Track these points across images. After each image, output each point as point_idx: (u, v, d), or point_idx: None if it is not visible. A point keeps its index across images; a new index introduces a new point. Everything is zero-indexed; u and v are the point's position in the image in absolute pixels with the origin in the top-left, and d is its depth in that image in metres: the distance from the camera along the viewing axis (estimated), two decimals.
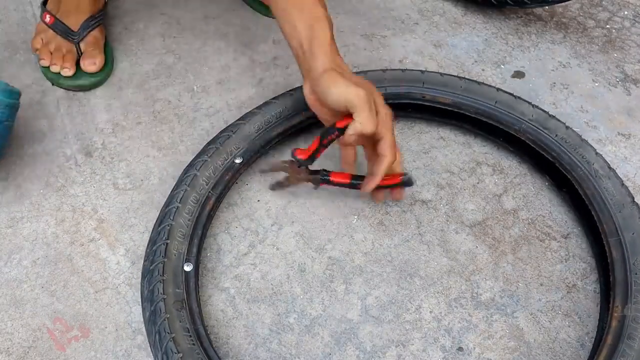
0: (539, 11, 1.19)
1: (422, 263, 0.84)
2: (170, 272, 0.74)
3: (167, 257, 0.75)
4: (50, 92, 1.02)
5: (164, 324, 0.69)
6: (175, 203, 0.80)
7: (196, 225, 0.79)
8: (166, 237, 0.77)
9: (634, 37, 1.15)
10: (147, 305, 0.73)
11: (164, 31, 1.12)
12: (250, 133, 0.88)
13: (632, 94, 1.05)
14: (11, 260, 0.83)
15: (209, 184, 0.83)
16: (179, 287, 0.73)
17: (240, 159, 0.86)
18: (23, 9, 1.16)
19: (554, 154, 0.88)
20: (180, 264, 0.75)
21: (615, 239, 0.78)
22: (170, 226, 0.78)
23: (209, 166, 0.84)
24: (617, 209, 0.81)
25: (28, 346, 0.76)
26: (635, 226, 0.79)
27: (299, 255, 0.85)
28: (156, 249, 0.76)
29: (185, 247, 0.77)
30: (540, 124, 0.90)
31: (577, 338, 0.78)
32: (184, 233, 0.78)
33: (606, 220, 0.80)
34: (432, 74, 0.95)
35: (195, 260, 0.76)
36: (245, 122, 0.89)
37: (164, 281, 0.73)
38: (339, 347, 0.77)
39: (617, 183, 0.84)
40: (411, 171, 0.93)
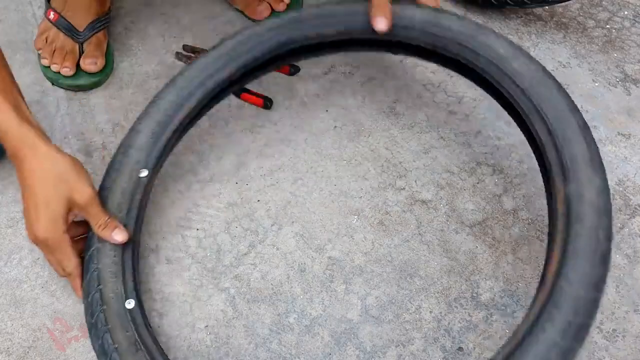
0: (539, 11, 1.19)
1: (422, 263, 0.84)
2: (113, 318, 0.68)
3: (106, 303, 0.69)
4: (50, 92, 1.02)
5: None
6: (94, 245, 0.73)
7: (124, 260, 0.73)
8: (97, 284, 0.70)
9: (634, 37, 1.15)
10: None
11: (164, 31, 1.12)
12: (147, 142, 0.80)
13: (632, 94, 1.05)
14: (11, 260, 0.83)
15: (122, 211, 0.75)
16: (128, 330, 0.68)
17: (146, 171, 0.78)
18: (23, 9, 1.16)
19: (454, 51, 0.79)
20: (122, 304, 0.69)
21: (537, 115, 0.72)
22: (98, 270, 0.71)
23: (115, 190, 0.77)
24: (531, 88, 0.73)
25: (28, 346, 0.76)
26: (554, 99, 0.72)
27: (299, 255, 0.85)
28: (91, 299, 0.70)
29: (120, 286, 0.70)
30: (432, 24, 0.80)
31: None
32: (114, 272, 0.71)
33: (523, 101, 0.73)
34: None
35: (135, 294, 0.71)
36: (140, 130, 0.81)
37: (111, 330, 0.67)
38: (339, 347, 0.77)
39: (524, 62, 0.76)
40: (410, 171, 0.93)
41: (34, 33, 1.09)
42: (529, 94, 0.74)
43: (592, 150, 0.70)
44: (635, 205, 0.90)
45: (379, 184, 0.92)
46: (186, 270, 0.83)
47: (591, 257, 0.62)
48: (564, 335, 0.59)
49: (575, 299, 0.60)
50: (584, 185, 0.66)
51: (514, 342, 0.61)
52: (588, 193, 0.65)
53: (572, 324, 0.60)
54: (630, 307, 0.80)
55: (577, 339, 0.60)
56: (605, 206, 0.65)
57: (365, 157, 0.95)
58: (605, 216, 0.64)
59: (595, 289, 0.61)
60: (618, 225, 0.88)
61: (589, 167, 0.68)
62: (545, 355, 0.59)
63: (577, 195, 0.65)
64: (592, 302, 0.61)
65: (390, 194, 0.91)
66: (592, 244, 0.63)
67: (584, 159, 0.68)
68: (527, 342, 0.60)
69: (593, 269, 0.62)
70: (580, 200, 0.65)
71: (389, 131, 0.98)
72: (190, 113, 0.83)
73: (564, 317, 0.60)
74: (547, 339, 0.59)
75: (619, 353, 0.76)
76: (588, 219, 0.64)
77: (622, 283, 0.82)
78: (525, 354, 0.59)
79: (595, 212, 0.64)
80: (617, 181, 0.93)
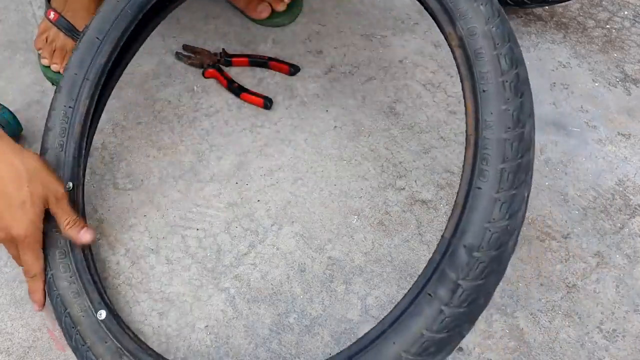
0: (539, 11, 1.19)
1: (422, 263, 0.84)
2: (89, 334, 0.67)
3: (78, 323, 0.68)
4: (50, 92, 1.02)
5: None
6: (49, 271, 0.72)
7: (80, 276, 0.71)
8: (64, 308, 0.69)
9: (634, 37, 1.15)
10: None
11: (164, 31, 1.12)
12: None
13: (632, 94, 1.05)
14: (11, 260, 0.83)
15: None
16: (106, 340, 0.67)
17: (70, 184, 0.76)
18: (23, 9, 1.16)
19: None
20: (93, 318, 0.68)
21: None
22: (60, 295, 0.70)
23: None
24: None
25: (28, 346, 0.76)
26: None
27: (299, 255, 0.85)
28: (65, 324, 0.70)
29: (86, 302, 0.69)
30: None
31: (577, 338, 0.78)
32: (76, 290, 0.70)
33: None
34: None
35: (103, 304, 0.70)
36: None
37: (90, 347, 0.67)
38: (339, 347, 0.77)
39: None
40: (410, 171, 0.93)
41: (34, 33, 1.09)
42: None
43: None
44: (635, 205, 0.90)
45: (379, 184, 0.92)
46: (186, 270, 0.83)
47: (502, 94, 0.58)
48: (501, 184, 0.56)
49: (499, 141, 0.56)
50: (471, 18, 0.61)
51: (458, 207, 0.58)
52: (478, 25, 0.61)
53: (504, 170, 0.56)
54: (630, 307, 0.80)
55: (515, 184, 0.56)
56: (495, 33, 0.60)
57: (365, 157, 0.95)
58: (503, 41, 0.59)
59: (517, 124, 0.57)
60: (618, 225, 0.88)
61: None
62: (489, 211, 0.55)
63: (470, 30, 0.61)
64: (518, 139, 0.57)
65: (390, 194, 0.91)
66: (499, 77, 0.58)
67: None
68: (469, 203, 0.56)
69: (508, 105, 0.58)
70: (473, 35, 0.61)
71: (389, 131, 0.98)
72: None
73: (494, 166, 0.56)
74: (484, 196, 0.56)
75: (619, 353, 0.76)
76: (486, 52, 0.59)
77: (622, 283, 0.82)
78: (472, 214, 0.56)
79: (489, 42, 0.60)
80: (617, 181, 0.93)
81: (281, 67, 1.05)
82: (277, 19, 1.13)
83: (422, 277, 0.57)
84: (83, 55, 0.80)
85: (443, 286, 0.55)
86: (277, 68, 1.05)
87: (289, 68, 1.04)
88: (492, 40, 0.60)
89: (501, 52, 0.59)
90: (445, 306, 0.54)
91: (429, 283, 0.56)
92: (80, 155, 0.77)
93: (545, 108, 1.02)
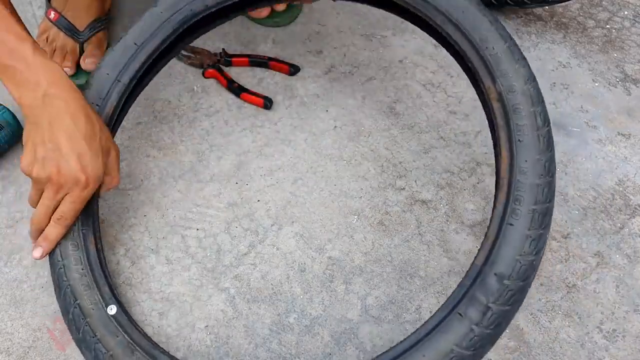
0: (539, 11, 1.19)
1: (422, 263, 0.84)
2: (99, 327, 0.67)
3: (88, 315, 0.68)
4: None
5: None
6: (60, 261, 0.72)
7: (92, 270, 0.71)
8: (74, 299, 0.69)
9: (634, 37, 1.15)
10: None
11: None
12: None
13: (632, 94, 1.05)
14: (11, 260, 0.83)
15: (78, 231, 0.74)
16: (118, 335, 0.67)
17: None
18: (23, 9, 1.16)
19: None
20: (104, 312, 0.68)
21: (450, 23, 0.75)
22: (70, 286, 0.70)
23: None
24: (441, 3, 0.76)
25: (28, 346, 0.76)
26: (461, 5, 0.75)
27: (299, 255, 0.85)
28: (72, 315, 0.69)
29: (97, 295, 0.69)
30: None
31: (577, 338, 0.78)
32: (87, 283, 0.70)
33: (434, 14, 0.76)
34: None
35: (115, 299, 0.70)
36: None
37: (100, 339, 0.67)
38: (339, 347, 0.77)
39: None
40: (410, 171, 0.93)
41: (34, 33, 1.09)
42: (437, 6, 0.75)
43: (510, 43, 0.72)
44: (635, 205, 0.90)
45: (379, 184, 0.92)
46: (186, 270, 0.83)
47: (537, 145, 0.66)
48: (532, 224, 0.62)
49: (532, 186, 0.64)
50: (512, 77, 0.70)
51: (490, 239, 0.64)
52: (517, 83, 0.69)
53: (535, 211, 0.63)
54: (630, 307, 0.80)
55: (543, 224, 0.63)
56: (532, 92, 0.69)
57: (365, 157, 0.95)
58: (538, 101, 0.68)
59: (548, 173, 0.65)
60: (618, 225, 0.88)
61: (512, 59, 0.71)
62: (520, 245, 0.62)
63: (509, 87, 0.69)
64: (548, 185, 0.64)
65: (390, 194, 0.91)
66: (535, 131, 0.66)
67: (505, 53, 0.71)
68: (501, 236, 0.63)
69: (541, 155, 0.65)
70: (512, 92, 0.69)
71: (389, 131, 0.98)
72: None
73: (527, 207, 0.63)
74: (517, 232, 0.62)
75: (619, 353, 0.76)
76: (524, 108, 0.67)
77: (622, 283, 0.82)
78: (503, 246, 0.62)
79: (527, 99, 0.68)
80: (617, 181, 0.93)
81: (281, 67, 1.05)
82: (277, 18, 1.13)
83: (451, 299, 0.62)
84: (118, 57, 0.82)
85: (473, 308, 0.60)
86: (277, 68, 1.05)
87: (289, 68, 1.04)
88: (530, 99, 0.68)
89: (537, 110, 0.68)
90: (475, 325, 0.59)
91: (460, 304, 0.61)
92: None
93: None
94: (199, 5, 0.85)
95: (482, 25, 0.73)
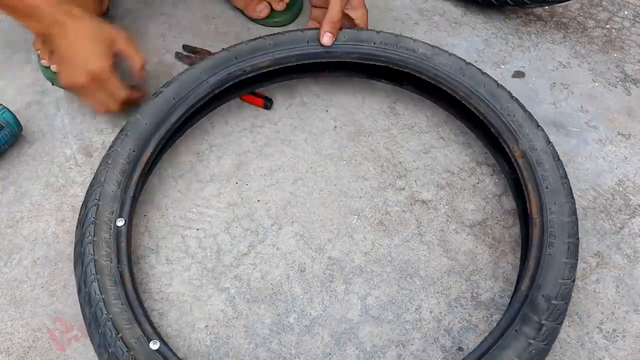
0: (539, 11, 1.19)
1: (422, 263, 0.84)
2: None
3: (131, 349, 0.69)
4: (50, 92, 1.02)
5: None
6: (99, 296, 0.72)
7: (131, 306, 0.73)
8: (116, 332, 0.70)
9: (634, 37, 1.15)
10: None
11: (164, 31, 1.12)
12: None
13: (632, 94, 1.05)
14: (11, 260, 0.83)
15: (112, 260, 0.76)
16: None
17: (123, 219, 0.79)
18: None
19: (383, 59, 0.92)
20: (147, 347, 0.69)
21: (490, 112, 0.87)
22: (111, 320, 0.71)
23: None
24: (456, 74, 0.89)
25: (28, 346, 0.76)
26: (487, 84, 0.88)
27: (299, 255, 0.85)
28: (115, 348, 0.69)
29: (138, 330, 0.71)
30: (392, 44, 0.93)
31: (577, 338, 0.78)
32: (128, 318, 0.71)
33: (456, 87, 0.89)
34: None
35: (157, 335, 0.71)
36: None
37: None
38: (339, 347, 0.77)
39: (445, 56, 0.91)
40: (410, 171, 0.93)
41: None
42: (463, 83, 0.89)
43: (528, 112, 0.86)
44: (635, 205, 0.90)
45: (379, 184, 0.92)
46: (186, 270, 0.83)
47: (562, 191, 0.79)
48: (568, 253, 0.74)
49: (563, 223, 0.76)
50: (533, 139, 0.83)
51: (532, 267, 0.74)
52: (539, 143, 0.83)
53: (570, 243, 0.75)
54: (630, 307, 0.80)
55: (576, 254, 0.74)
56: (552, 151, 0.82)
57: (365, 157, 0.95)
58: (557, 157, 0.82)
59: (574, 213, 0.77)
60: (618, 225, 0.88)
61: (532, 124, 0.85)
62: (562, 271, 0.72)
63: (531, 147, 0.83)
64: (575, 222, 0.77)
65: (390, 194, 0.91)
66: (559, 179, 0.80)
67: (525, 120, 0.85)
68: (542, 265, 0.73)
69: (567, 199, 0.78)
70: (534, 148, 0.82)
71: (389, 131, 0.98)
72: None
73: (561, 240, 0.75)
74: (556, 260, 0.73)
75: (619, 353, 0.77)
76: (547, 161, 0.81)
77: (622, 283, 0.82)
78: (547, 272, 0.73)
79: (549, 156, 0.82)
80: (617, 181, 0.93)
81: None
82: (276, 18, 1.13)
83: (504, 320, 0.70)
84: (157, 110, 0.87)
85: (528, 325, 0.69)
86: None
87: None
88: (551, 155, 0.82)
89: (558, 164, 0.81)
90: (532, 340, 0.68)
91: (514, 323, 0.69)
92: (135, 196, 0.81)
93: (545, 108, 1.02)
94: (236, 70, 0.91)
95: (503, 97, 0.87)
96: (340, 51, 0.92)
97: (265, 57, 0.92)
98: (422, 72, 0.90)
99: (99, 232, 0.76)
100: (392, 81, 0.98)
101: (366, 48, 0.92)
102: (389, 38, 0.92)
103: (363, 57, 0.92)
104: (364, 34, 0.93)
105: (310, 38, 0.93)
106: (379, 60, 0.92)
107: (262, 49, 0.92)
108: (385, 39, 0.92)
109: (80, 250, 0.76)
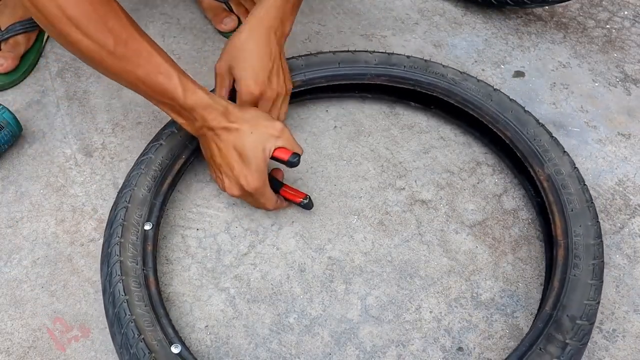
0: (539, 11, 1.19)
1: (422, 263, 0.84)
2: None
3: (153, 351, 0.69)
4: (50, 92, 1.03)
5: None
6: (123, 296, 0.73)
7: (154, 308, 0.73)
8: (138, 333, 0.70)
9: (634, 37, 1.15)
10: None
11: (164, 31, 1.12)
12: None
13: (632, 94, 1.05)
14: (11, 260, 0.83)
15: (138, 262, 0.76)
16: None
17: (151, 224, 0.80)
18: None
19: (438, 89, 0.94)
20: (169, 350, 0.69)
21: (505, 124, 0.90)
22: (134, 321, 0.71)
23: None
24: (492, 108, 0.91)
25: (28, 346, 0.76)
26: (514, 109, 0.91)
27: (299, 255, 0.85)
28: (136, 349, 0.69)
29: (160, 333, 0.71)
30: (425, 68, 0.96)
31: None
32: (150, 320, 0.72)
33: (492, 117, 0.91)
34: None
35: (178, 339, 0.71)
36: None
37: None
38: (339, 347, 0.77)
39: (471, 81, 0.94)
40: (410, 171, 0.93)
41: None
42: (491, 109, 0.92)
43: (554, 138, 0.88)
44: (635, 205, 0.91)
45: (379, 184, 0.92)
46: (186, 270, 0.83)
47: (587, 214, 0.80)
48: (594, 274, 0.75)
49: (589, 245, 0.77)
50: (558, 163, 0.85)
51: (556, 288, 0.74)
52: (564, 168, 0.84)
53: (595, 265, 0.75)
54: (630, 307, 0.80)
55: (601, 276, 0.75)
56: (578, 175, 0.84)
57: (365, 157, 0.95)
58: (580, 182, 0.83)
59: (599, 235, 0.78)
60: (618, 225, 0.88)
61: (557, 149, 0.87)
62: (587, 292, 0.73)
63: (557, 171, 0.84)
64: (600, 245, 0.77)
65: (390, 194, 0.91)
66: (584, 203, 0.81)
67: (551, 144, 0.87)
68: (567, 286, 0.74)
69: (592, 222, 0.80)
70: (560, 173, 0.84)
71: (389, 131, 0.98)
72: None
73: (586, 262, 0.76)
74: (581, 282, 0.74)
75: (619, 353, 0.77)
76: (572, 185, 0.82)
77: (622, 283, 0.82)
78: (572, 292, 0.73)
79: (574, 180, 0.83)
80: (617, 181, 0.93)
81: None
82: None
83: (527, 339, 0.71)
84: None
85: (552, 345, 0.69)
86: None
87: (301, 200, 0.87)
88: (577, 179, 0.83)
89: (584, 188, 0.82)
90: (556, 359, 0.69)
91: (538, 342, 0.70)
92: (164, 202, 0.83)
93: (545, 108, 1.02)
94: None
95: (530, 122, 0.89)
96: (372, 73, 0.95)
97: (297, 77, 0.94)
98: (450, 97, 0.93)
99: (127, 234, 0.77)
100: (420, 104, 0.99)
101: (396, 71, 0.95)
102: (418, 62, 0.96)
103: (393, 79, 0.95)
104: (394, 58, 0.96)
105: (341, 60, 0.96)
106: (407, 83, 0.94)
107: (294, 69, 0.95)
108: (415, 63, 0.95)
109: (107, 250, 0.76)
